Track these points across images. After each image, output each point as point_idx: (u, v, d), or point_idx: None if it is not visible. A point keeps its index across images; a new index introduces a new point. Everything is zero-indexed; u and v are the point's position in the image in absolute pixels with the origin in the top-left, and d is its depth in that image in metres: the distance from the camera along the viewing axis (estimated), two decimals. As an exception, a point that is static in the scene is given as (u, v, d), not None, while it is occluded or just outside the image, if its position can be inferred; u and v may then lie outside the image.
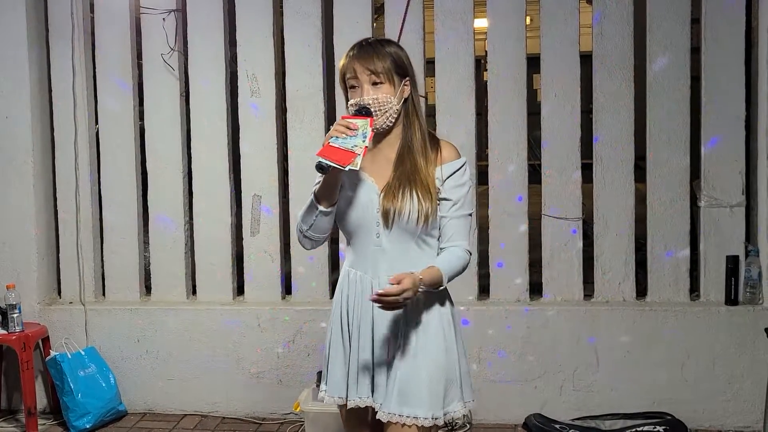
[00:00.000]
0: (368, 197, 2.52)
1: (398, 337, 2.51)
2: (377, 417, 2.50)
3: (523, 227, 4.36)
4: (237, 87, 4.56)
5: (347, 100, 2.54)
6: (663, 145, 4.23)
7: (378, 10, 4.63)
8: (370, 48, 2.51)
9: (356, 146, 2.36)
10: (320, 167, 2.34)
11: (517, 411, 4.28)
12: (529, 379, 4.31)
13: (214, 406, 4.58)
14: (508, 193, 4.36)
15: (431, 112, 4.42)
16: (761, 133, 4.21)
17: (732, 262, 4.17)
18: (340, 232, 2.66)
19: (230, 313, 4.55)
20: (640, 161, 4.34)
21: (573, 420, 4.18)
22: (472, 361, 4.34)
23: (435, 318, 2.54)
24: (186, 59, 4.59)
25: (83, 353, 4.52)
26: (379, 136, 2.52)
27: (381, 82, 2.48)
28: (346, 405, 2.56)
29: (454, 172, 2.52)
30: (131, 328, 4.62)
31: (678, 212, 4.25)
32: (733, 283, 4.17)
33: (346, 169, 2.34)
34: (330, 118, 4.53)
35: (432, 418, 2.47)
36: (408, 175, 2.49)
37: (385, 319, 2.51)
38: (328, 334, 2.66)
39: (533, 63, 4.32)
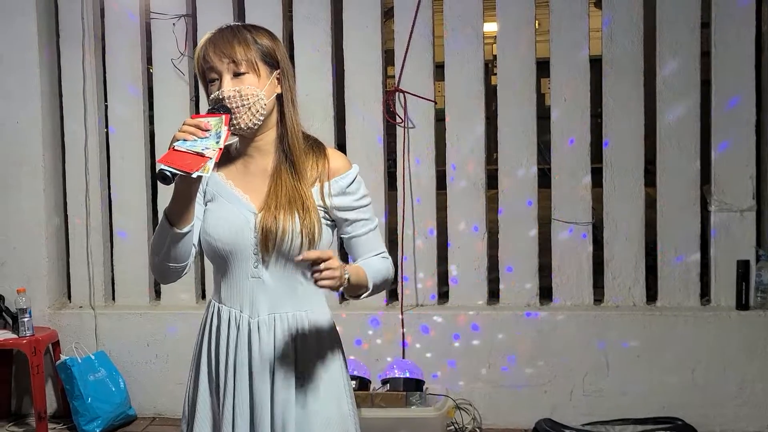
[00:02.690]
0: (243, 217, 2.08)
1: (283, 383, 2.09)
2: None
3: (533, 232, 4.35)
4: (247, 92, 4.55)
5: (208, 97, 2.09)
6: (673, 150, 4.23)
7: (387, 15, 4.64)
8: (229, 32, 2.09)
9: (208, 149, 1.91)
10: (162, 177, 1.88)
11: (526, 416, 4.27)
12: (539, 384, 4.31)
13: (223, 411, 4.57)
14: (518, 197, 4.35)
15: (440, 116, 4.43)
16: (772, 137, 4.21)
17: (743, 267, 4.16)
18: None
19: (240, 317, 4.55)
20: (649, 165, 4.33)
21: (583, 425, 4.17)
22: (482, 366, 4.34)
23: (327, 372, 2.13)
24: (196, 64, 4.60)
25: (93, 357, 4.52)
26: (246, 142, 2.12)
27: (244, 72, 2.05)
28: None
29: (348, 186, 2.12)
30: (141, 332, 4.63)
31: (688, 216, 4.23)
32: (743, 287, 4.16)
33: (194, 175, 1.88)
34: (339, 122, 4.54)
35: None
36: (288, 191, 2.07)
37: (264, 365, 2.09)
38: (189, 384, 2.21)
39: (542, 67, 4.32)
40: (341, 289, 1.98)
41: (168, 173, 1.88)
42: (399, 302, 4.42)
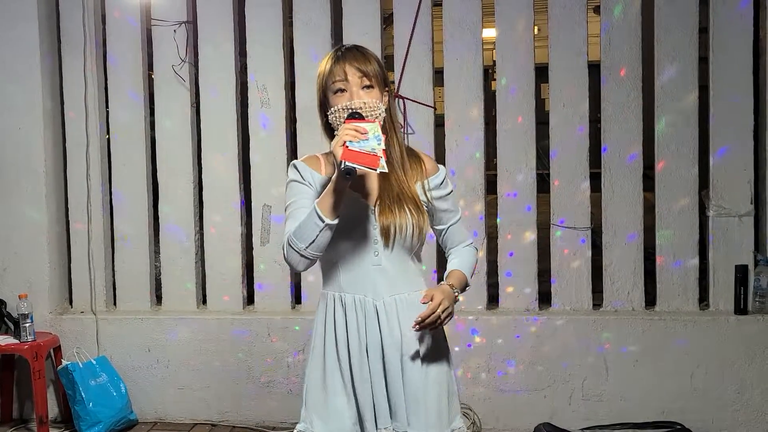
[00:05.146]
0: (363, 214, 2.40)
1: (404, 357, 2.41)
2: None
3: (532, 237, 4.37)
4: (247, 98, 4.59)
5: (321, 106, 2.41)
6: (671, 155, 4.24)
7: (387, 21, 4.66)
8: (358, 51, 2.38)
9: (375, 149, 2.21)
10: (348, 172, 2.19)
11: (526, 420, 4.28)
12: (539, 389, 4.32)
13: (224, 415, 4.59)
14: (517, 202, 4.37)
15: (440, 121, 4.45)
16: (770, 142, 4.22)
17: (741, 272, 4.17)
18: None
19: (240, 322, 4.57)
20: (648, 171, 4.35)
21: (582, 429, 4.18)
22: (482, 370, 4.36)
23: (441, 341, 2.50)
24: (197, 70, 4.63)
25: (94, 362, 4.54)
26: None
27: (371, 86, 2.35)
28: None
29: (441, 184, 2.50)
30: (142, 337, 4.65)
31: (687, 221, 4.25)
32: (742, 292, 4.17)
33: (377, 171, 2.21)
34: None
35: None
36: (395, 189, 2.40)
37: (393, 340, 2.41)
38: (315, 371, 2.47)
39: (541, 73, 4.34)
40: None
41: (352, 168, 2.18)
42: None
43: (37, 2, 4.56)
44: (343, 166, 2.18)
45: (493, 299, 4.49)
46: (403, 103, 4.40)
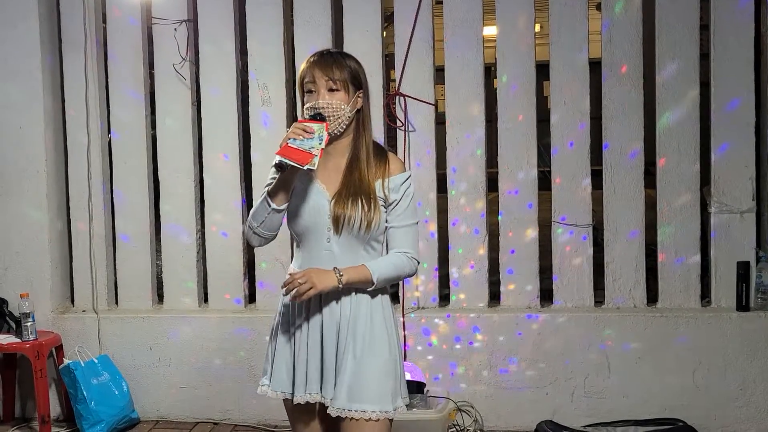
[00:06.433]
0: (319, 202, 2.65)
1: (346, 337, 2.63)
2: (328, 412, 2.62)
3: (534, 234, 4.37)
4: (248, 96, 4.59)
5: (302, 104, 2.68)
6: (673, 152, 4.24)
7: (388, 19, 4.66)
8: (330, 57, 2.67)
9: (313, 148, 2.50)
10: (280, 166, 2.51)
11: (528, 418, 4.28)
12: (541, 386, 4.32)
13: (226, 414, 4.59)
14: (518, 200, 4.37)
15: (441, 119, 4.45)
16: (771, 138, 4.22)
17: (743, 268, 4.17)
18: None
19: (242, 320, 4.57)
20: (650, 167, 4.34)
21: (584, 426, 4.18)
22: (483, 368, 4.35)
23: (380, 319, 2.67)
24: (197, 69, 4.63)
25: (96, 361, 4.54)
26: (328, 143, 2.63)
27: (337, 90, 2.61)
28: (291, 400, 2.69)
29: (401, 185, 2.67)
30: (144, 336, 4.65)
31: (688, 218, 4.25)
32: (744, 288, 4.17)
33: (305, 168, 2.49)
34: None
35: (380, 412, 2.59)
36: (355, 184, 2.64)
37: (333, 319, 2.65)
38: (273, 333, 2.78)
39: (542, 70, 4.34)
40: (340, 285, 2.58)
41: (285, 163, 2.50)
42: (400, 305, 4.44)
43: (38, 1, 4.55)
44: (276, 160, 2.51)
45: (494, 297, 4.49)
46: (404, 100, 4.40)
